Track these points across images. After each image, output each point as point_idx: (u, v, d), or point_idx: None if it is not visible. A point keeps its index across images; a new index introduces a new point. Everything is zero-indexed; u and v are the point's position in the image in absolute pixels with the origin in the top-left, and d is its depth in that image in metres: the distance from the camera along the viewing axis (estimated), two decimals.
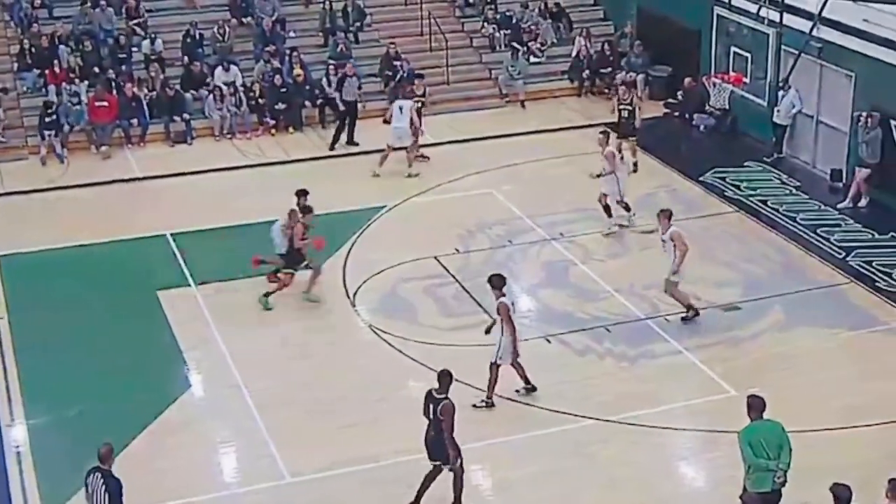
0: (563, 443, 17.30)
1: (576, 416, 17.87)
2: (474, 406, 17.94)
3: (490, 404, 18.10)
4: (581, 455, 17.06)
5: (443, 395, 15.19)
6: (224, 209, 25.65)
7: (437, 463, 15.47)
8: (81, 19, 32.07)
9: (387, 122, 28.60)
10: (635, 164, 27.10)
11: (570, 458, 16.91)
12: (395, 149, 27.63)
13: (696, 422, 17.83)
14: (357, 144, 29.42)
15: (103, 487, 13.68)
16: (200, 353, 20.10)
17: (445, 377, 15.29)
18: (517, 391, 18.34)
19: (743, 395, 15.62)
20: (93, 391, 19.02)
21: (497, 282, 17.86)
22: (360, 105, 30.14)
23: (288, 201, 21.68)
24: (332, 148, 29.47)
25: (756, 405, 14.39)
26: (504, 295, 17.87)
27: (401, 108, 27.51)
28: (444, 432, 15.15)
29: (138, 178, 27.92)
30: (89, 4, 32.18)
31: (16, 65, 31.02)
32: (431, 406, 15.28)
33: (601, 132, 24.73)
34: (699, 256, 23.03)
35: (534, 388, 18.40)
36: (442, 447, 15.28)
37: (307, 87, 31.03)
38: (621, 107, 27.22)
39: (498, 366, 18.00)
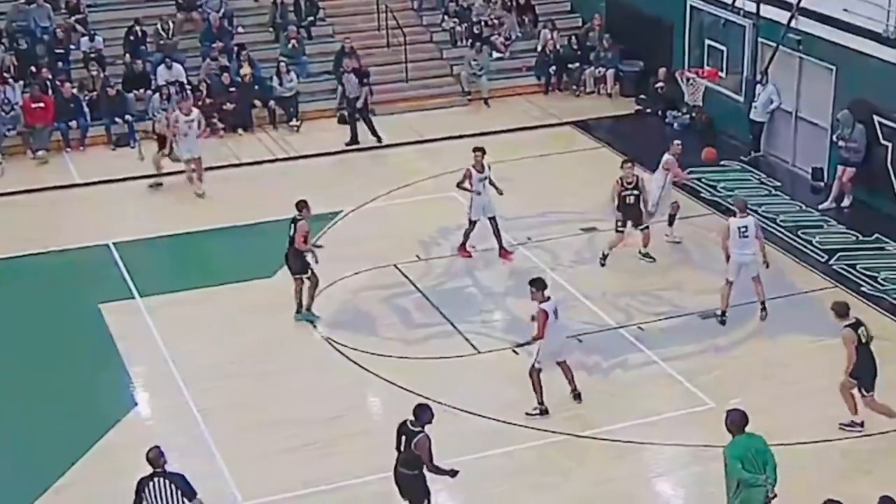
0: (536, 460, 17.22)
1: (547, 431, 17.80)
2: (527, 414, 18.02)
3: (543, 410, 18.07)
4: (554, 473, 16.96)
5: (418, 429, 14.64)
6: (170, 216, 25.46)
7: (407, 502, 15.10)
8: (16, 16, 31.79)
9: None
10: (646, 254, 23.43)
11: (544, 476, 16.80)
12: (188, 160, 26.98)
13: (675, 436, 17.76)
14: (380, 139, 29.58)
15: (171, 487, 13.81)
16: (146, 369, 19.91)
17: (425, 410, 14.75)
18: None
19: (723, 407, 15.62)
20: (31, 412, 18.79)
21: (538, 285, 18.01)
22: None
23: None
24: (350, 144, 29.50)
25: (737, 420, 14.22)
26: (547, 299, 17.89)
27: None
28: (418, 469, 14.70)
29: (78, 185, 27.70)
30: (24, 0, 31.91)
31: None
32: (405, 438, 14.76)
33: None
34: (675, 262, 23.08)
35: (579, 396, 18.54)
36: (411, 485, 14.87)
37: (256, 87, 30.89)
38: (625, 193, 22.74)
39: (538, 370, 18.06)
